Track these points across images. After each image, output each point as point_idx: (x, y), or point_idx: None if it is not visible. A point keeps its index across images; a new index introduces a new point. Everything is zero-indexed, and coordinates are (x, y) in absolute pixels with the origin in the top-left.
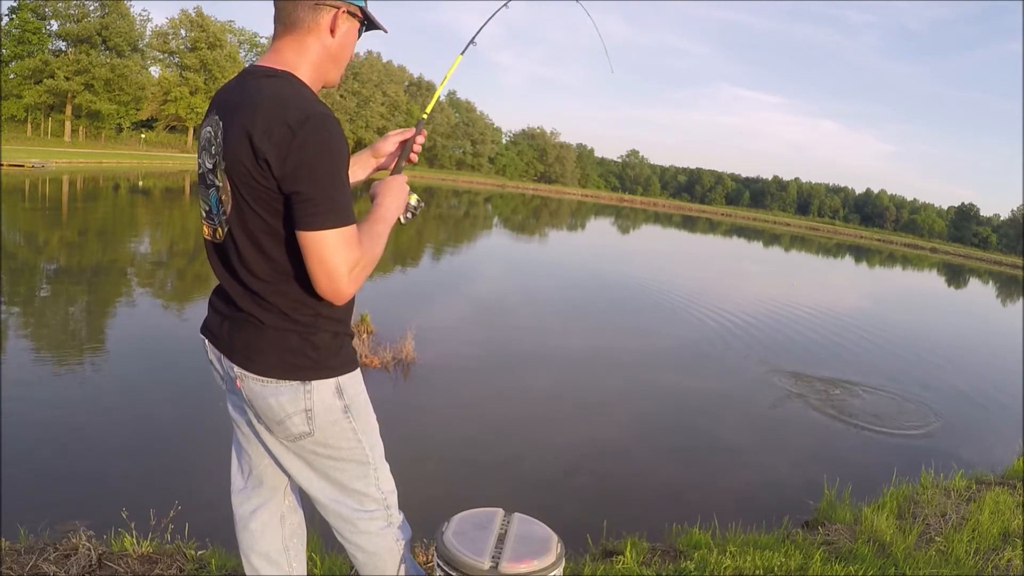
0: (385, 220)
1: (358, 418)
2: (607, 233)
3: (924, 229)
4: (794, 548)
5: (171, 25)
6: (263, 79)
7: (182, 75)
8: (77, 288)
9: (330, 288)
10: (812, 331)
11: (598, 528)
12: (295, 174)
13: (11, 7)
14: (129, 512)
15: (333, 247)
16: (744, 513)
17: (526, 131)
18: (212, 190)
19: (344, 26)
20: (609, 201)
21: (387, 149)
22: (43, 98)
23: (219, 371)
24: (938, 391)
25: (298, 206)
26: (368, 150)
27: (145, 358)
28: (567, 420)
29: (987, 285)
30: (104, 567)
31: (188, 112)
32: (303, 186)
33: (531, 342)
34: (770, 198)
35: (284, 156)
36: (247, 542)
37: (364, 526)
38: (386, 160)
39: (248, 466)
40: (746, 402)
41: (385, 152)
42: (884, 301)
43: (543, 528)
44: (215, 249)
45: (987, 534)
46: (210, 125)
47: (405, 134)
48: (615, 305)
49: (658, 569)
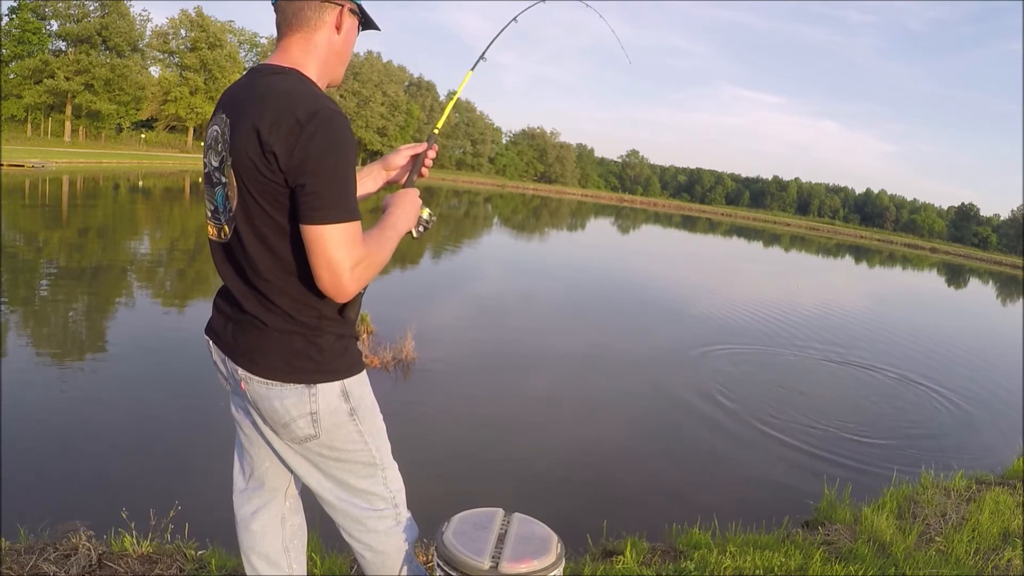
0: (395, 228)
1: (364, 420)
2: (607, 233)
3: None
4: (794, 548)
5: (171, 25)
6: (272, 76)
7: (182, 75)
8: (77, 288)
9: (332, 283)
10: (812, 331)
11: (598, 528)
12: (301, 167)
13: (11, 7)
14: (129, 512)
15: (336, 241)
16: (744, 513)
17: (526, 131)
18: (218, 188)
19: (347, 23)
20: (609, 201)
21: (398, 163)
22: (43, 98)
23: (223, 373)
24: (938, 391)
25: (303, 199)
26: (380, 163)
27: (145, 358)
28: (567, 420)
29: (987, 285)
30: (104, 567)
31: (188, 112)
32: (309, 179)
33: (531, 342)
34: (770, 198)
35: (292, 149)
36: (248, 543)
37: (373, 525)
38: (397, 174)
39: (250, 467)
40: (746, 402)
41: (396, 165)
42: (883, 300)
43: (543, 528)
44: (220, 249)
45: (987, 534)
46: (217, 124)
47: (417, 148)
48: (615, 305)
49: (658, 569)
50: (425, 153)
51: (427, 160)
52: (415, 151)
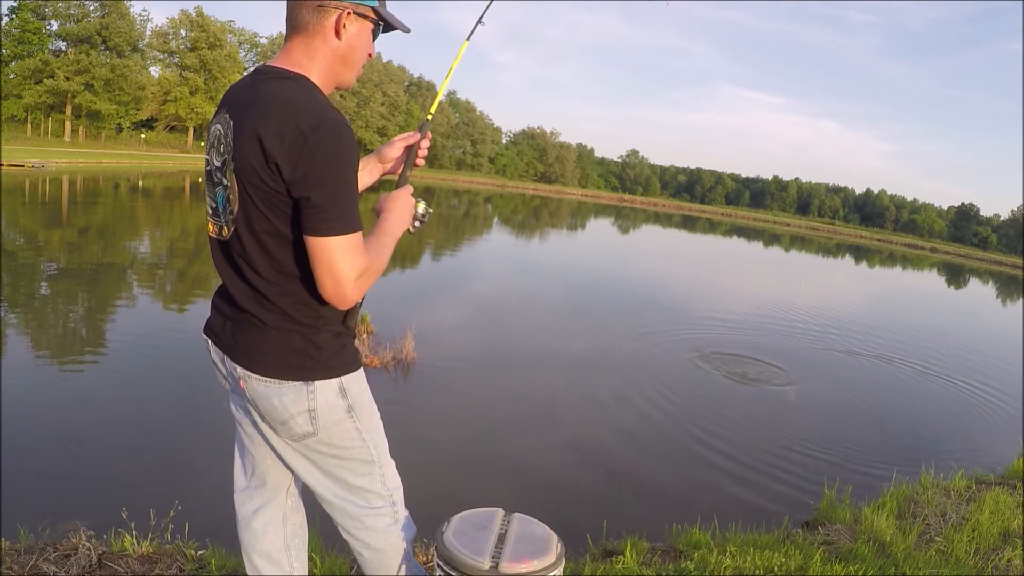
0: (391, 233)
1: (362, 417)
2: (607, 233)
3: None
4: (794, 548)
5: (171, 25)
6: (276, 81)
7: (182, 75)
8: (77, 288)
9: (335, 293)
10: (811, 331)
11: (598, 528)
12: (305, 180)
13: (11, 7)
14: (129, 512)
15: (341, 253)
16: (744, 513)
17: (526, 131)
18: (220, 188)
19: (352, 28)
20: (609, 201)
21: (393, 155)
22: (43, 98)
23: (222, 372)
24: (938, 391)
25: (307, 212)
26: (374, 156)
27: (145, 358)
28: (567, 420)
29: (987, 285)
30: (104, 567)
31: (188, 112)
32: (313, 192)
33: (531, 342)
34: (770, 198)
35: (295, 161)
36: (249, 541)
37: (371, 523)
38: (393, 166)
39: (251, 466)
40: (746, 401)
41: (391, 158)
42: (883, 300)
43: (543, 528)
44: (220, 247)
45: (987, 534)
46: (220, 123)
47: (409, 139)
48: (615, 304)
49: (658, 569)
50: (418, 143)
51: (421, 150)
52: (408, 141)
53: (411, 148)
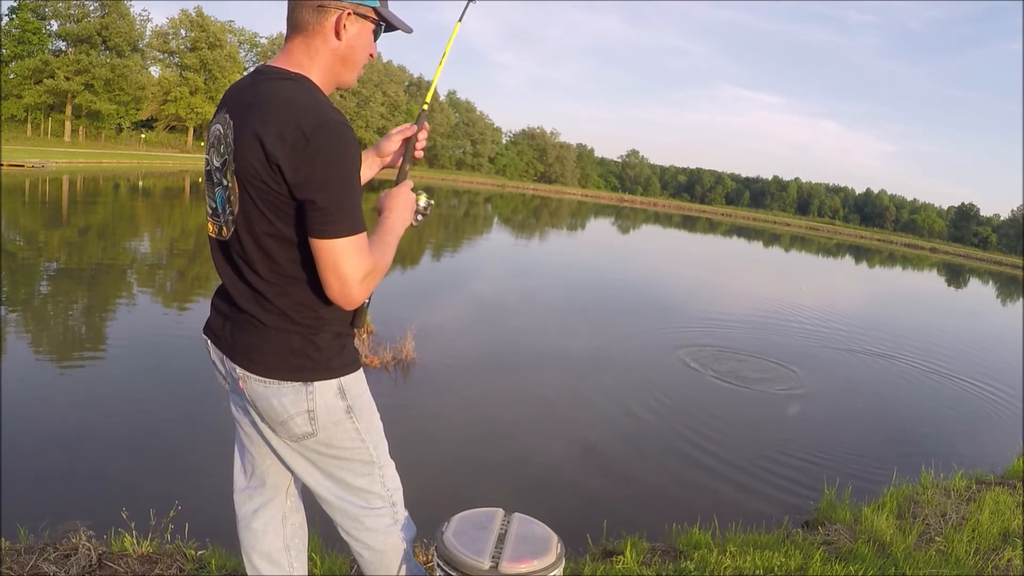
0: (393, 232)
1: (361, 418)
2: (607, 233)
3: (924, 229)
4: (794, 548)
5: (171, 25)
6: (276, 81)
7: (182, 75)
8: (77, 288)
9: (342, 294)
10: (810, 331)
11: (598, 528)
12: (308, 182)
13: (11, 7)
14: (129, 512)
15: (346, 255)
16: (744, 513)
17: (526, 131)
18: (220, 189)
19: (353, 28)
20: (609, 201)
21: (391, 148)
22: (43, 98)
23: (222, 372)
24: (938, 390)
25: (311, 215)
26: (372, 150)
27: (145, 357)
28: (567, 420)
29: (987, 285)
30: (104, 567)
31: (188, 112)
32: (316, 195)
33: (531, 342)
34: (770, 198)
35: (297, 163)
36: (249, 541)
37: (371, 523)
38: (392, 159)
39: (251, 466)
40: (746, 401)
41: (389, 151)
42: (882, 300)
43: (543, 528)
44: (220, 247)
45: (987, 534)
46: (220, 123)
47: (407, 131)
48: (615, 304)
49: (658, 569)
50: (416, 135)
51: (419, 142)
52: (406, 134)
53: (409, 141)
